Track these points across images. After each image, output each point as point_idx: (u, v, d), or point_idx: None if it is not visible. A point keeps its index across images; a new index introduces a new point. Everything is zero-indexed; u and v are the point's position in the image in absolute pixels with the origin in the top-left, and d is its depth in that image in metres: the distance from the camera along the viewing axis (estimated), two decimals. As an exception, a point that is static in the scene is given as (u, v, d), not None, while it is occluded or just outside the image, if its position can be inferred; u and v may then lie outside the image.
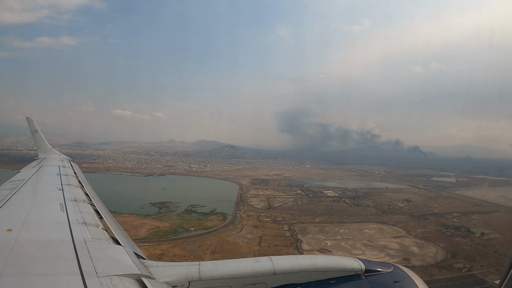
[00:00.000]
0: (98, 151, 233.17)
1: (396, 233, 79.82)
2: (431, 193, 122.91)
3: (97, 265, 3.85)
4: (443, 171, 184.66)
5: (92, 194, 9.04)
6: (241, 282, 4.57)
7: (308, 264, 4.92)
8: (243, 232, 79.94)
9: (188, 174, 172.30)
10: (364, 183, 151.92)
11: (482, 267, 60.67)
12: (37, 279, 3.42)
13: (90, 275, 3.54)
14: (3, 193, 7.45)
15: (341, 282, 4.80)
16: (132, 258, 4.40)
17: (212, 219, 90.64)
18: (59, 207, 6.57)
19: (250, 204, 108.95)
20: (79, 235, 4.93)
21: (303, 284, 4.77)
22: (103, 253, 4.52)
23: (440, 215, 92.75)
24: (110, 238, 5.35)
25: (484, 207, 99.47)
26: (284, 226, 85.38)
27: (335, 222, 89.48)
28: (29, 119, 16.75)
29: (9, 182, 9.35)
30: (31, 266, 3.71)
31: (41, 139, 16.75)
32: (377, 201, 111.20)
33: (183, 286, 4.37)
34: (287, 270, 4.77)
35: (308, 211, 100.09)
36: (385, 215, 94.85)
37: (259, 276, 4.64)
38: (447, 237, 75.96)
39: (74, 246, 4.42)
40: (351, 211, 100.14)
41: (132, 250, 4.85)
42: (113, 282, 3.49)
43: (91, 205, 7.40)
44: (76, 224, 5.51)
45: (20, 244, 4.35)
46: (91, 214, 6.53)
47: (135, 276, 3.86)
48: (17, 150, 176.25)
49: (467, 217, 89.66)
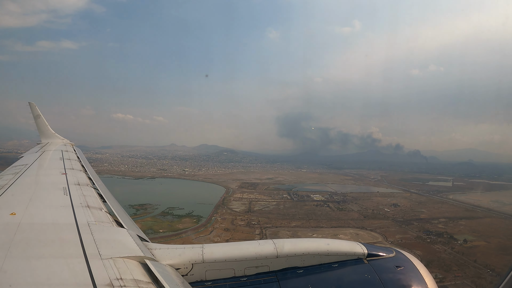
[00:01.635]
0: (97, 154, 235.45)
1: (372, 238, 75.19)
2: (422, 198, 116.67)
3: (101, 248, 3.78)
4: (442, 175, 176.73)
5: (95, 178, 8.89)
6: (244, 264, 4.48)
7: (311, 248, 4.80)
8: (211, 235, 77.22)
9: (179, 178, 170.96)
10: (356, 187, 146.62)
11: (456, 278, 55.72)
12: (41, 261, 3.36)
13: (94, 257, 3.49)
14: (6, 178, 7.26)
15: (343, 266, 4.72)
16: (136, 241, 4.31)
17: (185, 222, 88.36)
18: (62, 191, 6.51)
19: (230, 207, 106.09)
20: (82, 218, 4.85)
21: (305, 267, 4.67)
22: (107, 235, 4.43)
23: (425, 221, 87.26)
24: (114, 221, 5.26)
25: (474, 212, 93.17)
26: (256, 230, 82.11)
27: (311, 226, 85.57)
28: (32, 104, 16.71)
29: (12, 167, 9.13)
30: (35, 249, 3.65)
31: (44, 124, 16.69)
32: (363, 206, 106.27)
33: (186, 268, 4.31)
34: (289, 253, 4.67)
35: (287, 215, 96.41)
36: (366, 220, 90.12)
37: (262, 259, 4.55)
38: (426, 244, 70.86)
39: (77, 229, 4.33)
40: (332, 216, 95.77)
41: (135, 233, 4.74)
42: (117, 264, 3.44)
43: (94, 189, 7.33)
44: (80, 208, 5.44)
45: (24, 227, 4.22)
46: (95, 198, 6.46)
47: (138, 259, 3.77)
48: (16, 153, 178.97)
49: (454, 223, 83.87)
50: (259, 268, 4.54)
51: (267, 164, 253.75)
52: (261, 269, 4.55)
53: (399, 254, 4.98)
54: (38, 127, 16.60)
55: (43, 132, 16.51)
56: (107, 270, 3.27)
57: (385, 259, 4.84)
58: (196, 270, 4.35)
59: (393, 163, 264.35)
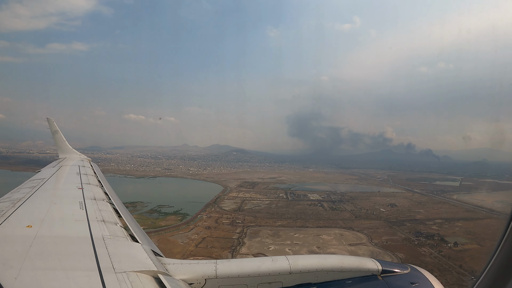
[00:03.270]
0: (108, 154, 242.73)
1: (356, 240, 71.17)
2: (424, 198, 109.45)
3: (115, 261, 3.87)
4: (452, 175, 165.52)
5: (111, 193, 9.08)
6: (257, 280, 4.50)
7: (324, 264, 4.76)
8: (190, 233, 76.42)
9: (181, 177, 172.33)
10: (358, 187, 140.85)
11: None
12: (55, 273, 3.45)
13: (108, 271, 3.57)
14: (23, 191, 7.53)
15: (357, 283, 4.67)
16: (149, 255, 4.38)
17: (169, 219, 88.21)
18: (78, 205, 6.63)
19: (221, 206, 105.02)
20: (97, 232, 4.94)
21: (319, 283, 4.64)
22: (121, 249, 4.51)
23: (419, 222, 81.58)
24: (128, 235, 5.35)
25: (475, 213, 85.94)
26: (238, 228, 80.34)
27: (296, 226, 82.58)
28: (50, 120, 17.13)
29: (30, 181, 9.48)
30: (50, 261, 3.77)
31: (62, 140, 17.12)
32: (358, 206, 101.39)
33: (200, 283, 4.34)
34: (303, 270, 4.65)
35: (276, 214, 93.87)
36: (357, 220, 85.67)
37: (275, 275, 4.55)
38: (413, 247, 65.93)
39: (92, 243, 4.42)
40: (322, 215, 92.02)
41: (149, 248, 4.80)
42: (130, 278, 3.51)
43: (110, 204, 7.50)
44: (95, 222, 5.56)
45: (40, 240, 4.31)
46: (110, 213, 6.60)
47: (152, 273, 3.84)
48: (28, 153, 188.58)
49: (450, 224, 77.62)
50: (272, 284, 4.53)
51: (275, 164, 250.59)
52: (274, 285, 4.54)
53: (414, 270, 4.90)
54: (56, 142, 16.96)
55: (60, 148, 16.78)
56: (120, 283, 3.33)
57: (399, 276, 4.78)
58: (209, 286, 4.35)
59: (405, 162, 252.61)
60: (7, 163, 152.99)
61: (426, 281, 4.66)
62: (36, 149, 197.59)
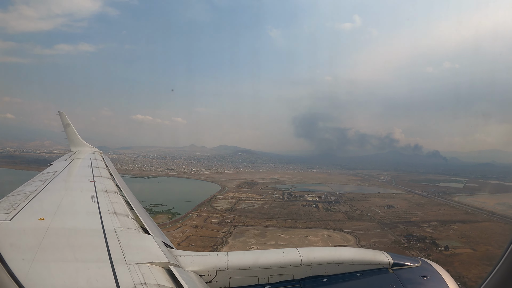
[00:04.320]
0: (114, 154, 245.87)
1: (343, 241, 68.69)
2: (424, 199, 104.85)
3: (126, 253, 3.88)
4: (457, 176, 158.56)
5: (123, 185, 9.12)
6: (268, 272, 4.46)
7: (335, 256, 4.72)
8: (176, 231, 76.01)
9: (182, 177, 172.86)
10: (359, 187, 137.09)
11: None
12: (68, 265, 3.49)
13: (119, 263, 3.59)
14: (36, 184, 7.59)
15: (368, 275, 4.63)
16: (161, 247, 4.40)
17: (159, 218, 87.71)
18: (90, 197, 6.70)
19: (214, 205, 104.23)
20: (109, 224, 4.97)
21: (330, 276, 4.60)
22: (132, 241, 4.53)
23: (414, 224, 78.05)
24: (140, 227, 5.35)
25: (473, 216, 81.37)
26: (224, 228, 79.28)
27: (285, 226, 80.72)
28: (61, 113, 17.34)
29: (42, 174, 9.54)
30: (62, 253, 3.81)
31: (73, 133, 17.22)
32: (354, 207, 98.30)
33: (211, 275, 4.33)
34: (314, 262, 4.61)
35: (267, 214, 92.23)
36: (349, 222, 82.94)
37: (286, 267, 4.52)
38: (401, 250, 62.69)
39: (104, 235, 4.44)
40: (314, 216, 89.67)
41: (161, 240, 4.82)
42: (141, 269, 3.51)
43: (121, 196, 7.52)
44: (107, 214, 5.58)
45: (52, 232, 4.34)
46: (122, 205, 6.61)
47: (163, 265, 3.85)
48: (34, 153, 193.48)
49: (445, 227, 73.72)
50: (283, 276, 4.48)
51: (280, 164, 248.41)
52: (285, 277, 4.49)
53: (425, 263, 4.84)
54: (67, 135, 16.95)
55: (72, 141, 16.78)
56: (132, 275, 3.33)
57: (410, 269, 4.71)
58: (220, 277, 4.33)
59: (412, 164, 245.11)
60: (12, 162, 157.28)
61: (437, 274, 4.57)
62: (44, 149, 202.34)
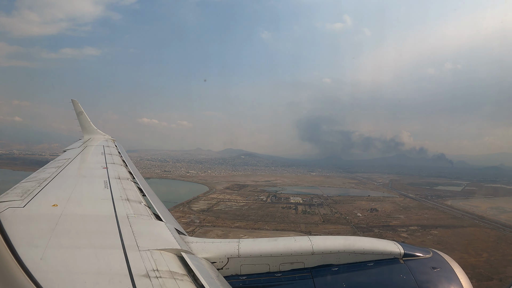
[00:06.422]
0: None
1: (307, 244, 63.75)
2: (413, 203, 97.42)
3: (139, 239, 3.88)
4: (460, 180, 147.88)
5: (136, 172, 9.05)
6: (279, 260, 4.43)
7: (346, 246, 4.62)
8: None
9: (175, 179, 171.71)
10: (351, 191, 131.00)
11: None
12: (80, 251, 3.52)
13: (132, 249, 3.60)
14: (49, 171, 7.54)
15: (379, 265, 4.56)
16: (173, 234, 4.40)
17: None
18: (103, 184, 6.64)
19: (191, 206, 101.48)
20: (122, 211, 4.95)
21: (340, 265, 4.56)
22: (145, 228, 4.52)
23: (391, 228, 71.96)
24: (152, 214, 5.30)
25: (460, 220, 74.06)
26: (190, 228, 75.99)
27: (253, 228, 76.81)
28: (74, 101, 17.57)
29: (55, 161, 9.48)
30: (75, 239, 3.81)
31: (86, 120, 17.41)
32: (335, 210, 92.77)
33: (222, 262, 4.32)
34: (325, 251, 4.57)
35: (240, 216, 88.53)
36: (322, 225, 78.16)
37: (297, 255, 4.48)
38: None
39: (117, 221, 4.46)
40: (289, 219, 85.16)
41: (173, 226, 4.83)
42: (154, 256, 3.53)
43: (134, 183, 7.45)
44: (119, 201, 5.55)
45: (65, 218, 4.35)
46: (134, 191, 6.54)
47: (175, 251, 3.87)
48: (39, 155, 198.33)
49: (424, 232, 67.07)
50: (294, 264, 4.45)
51: (281, 167, 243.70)
52: (296, 265, 4.46)
53: (436, 255, 4.77)
54: (80, 123, 17.04)
55: (85, 128, 16.93)
56: (144, 261, 3.34)
57: (421, 260, 4.64)
58: (232, 264, 4.31)
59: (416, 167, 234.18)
60: (13, 163, 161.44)
61: (448, 266, 4.47)
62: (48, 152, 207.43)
